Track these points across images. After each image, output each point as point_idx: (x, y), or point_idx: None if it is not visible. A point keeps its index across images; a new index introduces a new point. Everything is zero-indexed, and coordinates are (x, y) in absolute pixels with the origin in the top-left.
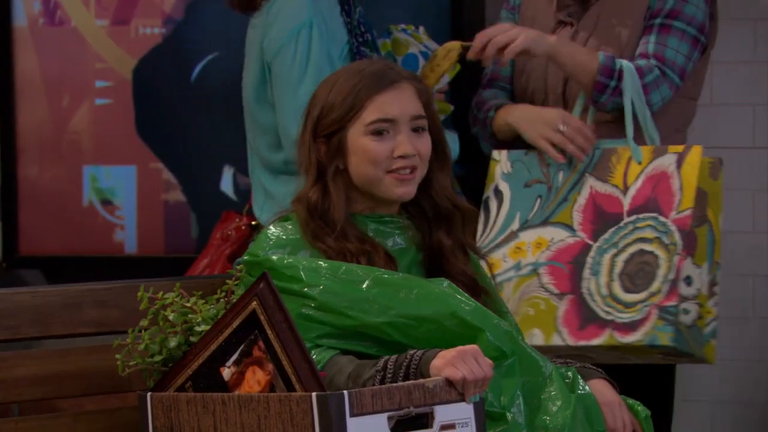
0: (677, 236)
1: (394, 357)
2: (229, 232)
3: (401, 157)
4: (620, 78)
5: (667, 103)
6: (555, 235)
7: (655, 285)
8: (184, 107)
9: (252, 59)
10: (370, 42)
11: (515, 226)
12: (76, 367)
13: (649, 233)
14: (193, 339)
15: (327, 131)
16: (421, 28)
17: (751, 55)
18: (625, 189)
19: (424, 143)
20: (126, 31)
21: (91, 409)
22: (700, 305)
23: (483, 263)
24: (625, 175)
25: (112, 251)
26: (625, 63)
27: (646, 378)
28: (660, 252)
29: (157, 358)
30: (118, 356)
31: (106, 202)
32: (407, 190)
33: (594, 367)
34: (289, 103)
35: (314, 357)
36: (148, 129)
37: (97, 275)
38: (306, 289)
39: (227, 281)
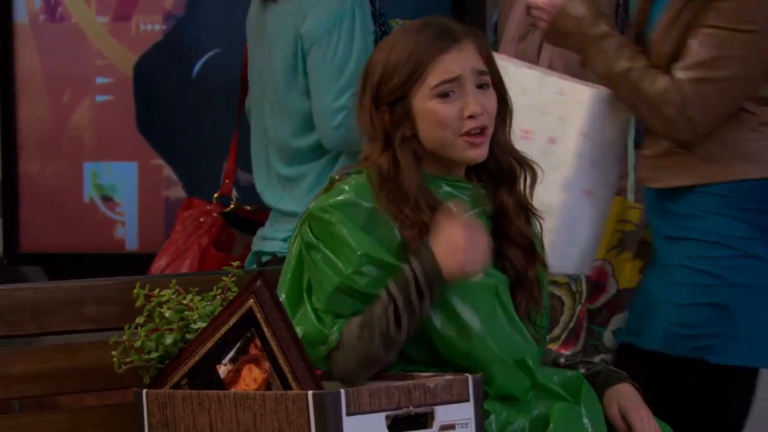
0: (584, 285)
1: (393, 285)
2: (201, 219)
3: (471, 117)
4: None
5: None
6: None
7: (556, 331)
8: (185, 104)
9: (279, 47)
10: (389, 33)
11: None
12: (77, 363)
13: (561, 277)
14: (189, 336)
15: (390, 99)
16: None
17: None
18: None
19: (491, 99)
20: (127, 28)
21: (92, 404)
22: None
23: (537, 224)
24: None
25: (113, 248)
26: None
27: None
28: (566, 298)
29: (154, 355)
30: (114, 353)
31: (107, 199)
32: (480, 152)
33: (619, 371)
34: (330, 90)
35: (335, 330)
36: (149, 125)
37: (98, 272)
38: (354, 275)
39: (223, 278)
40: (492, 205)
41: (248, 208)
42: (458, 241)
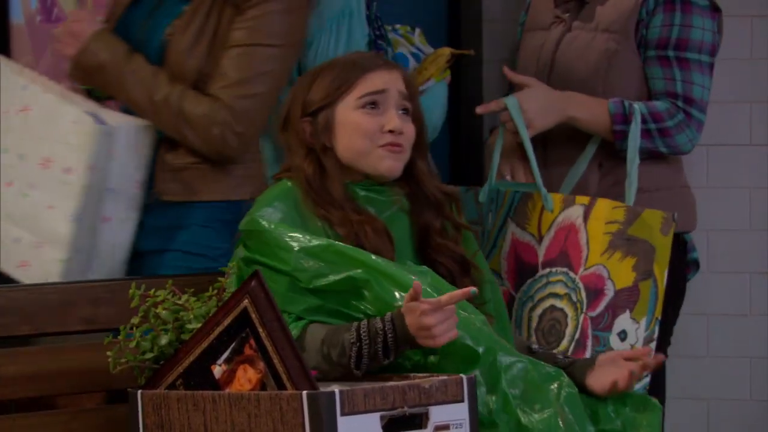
0: (583, 294)
1: (365, 325)
2: None
3: (390, 131)
4: (632, 120)
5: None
6: None
7: (563, 344)
8: None
9: None
10: (385, 35)
11: None
12: (72, 364)
13: (560, 289)
14: (184, 336)
15: (314, 107)
16: (417, 31)
17: (748, 53)
18: (540, 238)
19: (410, 127)
20: None
21: (87, 405)
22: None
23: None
24: (539, 223)
25: None
26: (633, 106)
27: None
28: (569, 310)
29: (149, 355)
30: (109, 353)
31: None
32: (395, 165)
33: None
34: None
35: (293, 330)
36: None
37: None
38: (295, 272)
39: (219, 279)
40: (417, 223)
41: None
42: (429, 325)
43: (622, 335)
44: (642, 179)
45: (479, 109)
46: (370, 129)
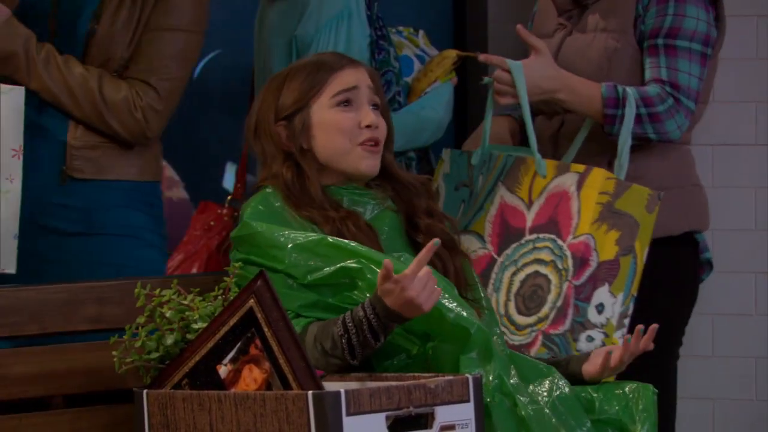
0: (570, 262)
1: (349, 316)
2: (211, 222)
3: (368, 126)
4: (624, 104)
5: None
6: (471, 244)
7: (544, 310)
8: (187, 104)
9: (275, 48)
10: (387, 36)
11: None
12: (77, 364)
13: (546, 255)
14: (189, 336)
15: (288, 111)
16: (421, 33)
17: (753, 52)
18: (530, 203)
19: (382, 121)
20: None
21: (92, 405)
22: (606, 335)
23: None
24: (531, 188)
25: None
26: (627, 91)
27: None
28: (553, 277)
29: (154, 355)
30: (115, 353)
31: None
32: (374, 164)
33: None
34: None
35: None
36: None
37: None
38: (290, 269)
39: (225, 279)
40: (404, 210)
41: None
42: (411, 297)
43: (600, 308)
44: (652, 176)
45: (482, 57)
46: (347, 126)
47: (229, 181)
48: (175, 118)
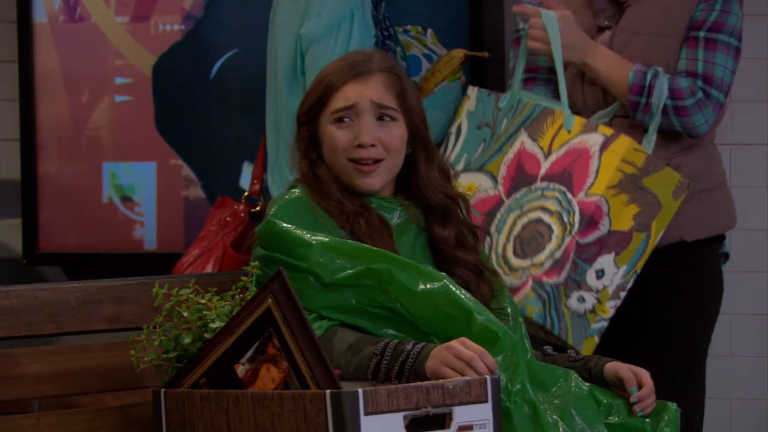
0: (577, 218)
1: (393, 343)
2: (228, 218)
3: (360, 146)
4: (650, 94)
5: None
6: (483, 183)
7: (540, 257)
8: (204, 104)
9: (284, 45)
10: (394, 35)
11: (460, 166)
12: (95, 363)
13: (552, 205)
14: (207, 336)
15: (304, 119)
16: (429, 32)
17: (766, 52)
18: (548, 153)
19: (391, 134)
20: (146, 28)
21: (110, 404)
22: (599, 301)
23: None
24: (553, 139)
25: (132, 248)
26: (659, 80)
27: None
28: (556, 227)
29: (172, 354)
30: (132, 352)
31: (126, 199)
32: (370, 182)
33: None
34: None
35: (315, 326)
36: (168, 125)
37: (117, 272)
38: (315, 268)
39: (242, 278)
40: (428, 232)
41: None
42: (451, 345)
43: (600, 273)
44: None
45: (515, 8)
46: (340, 144)
47: (245, 180)
48: (191, 117)
